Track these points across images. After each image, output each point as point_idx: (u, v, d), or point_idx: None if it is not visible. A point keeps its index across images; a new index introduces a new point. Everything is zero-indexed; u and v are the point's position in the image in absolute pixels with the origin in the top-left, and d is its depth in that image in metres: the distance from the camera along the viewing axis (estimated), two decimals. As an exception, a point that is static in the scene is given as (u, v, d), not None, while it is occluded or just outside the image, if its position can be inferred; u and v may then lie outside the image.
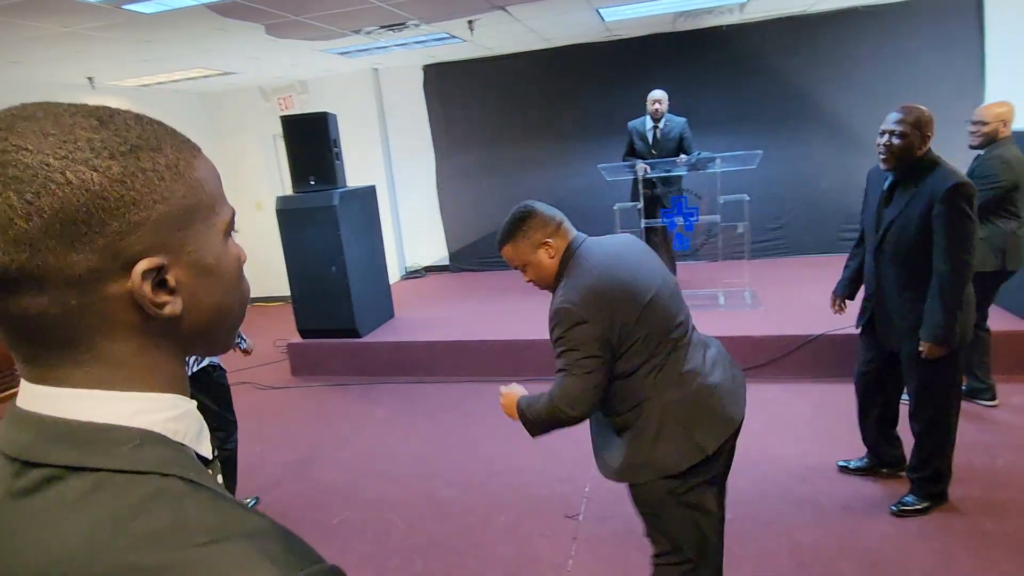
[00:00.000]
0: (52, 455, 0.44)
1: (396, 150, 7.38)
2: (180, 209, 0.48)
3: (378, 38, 5.16)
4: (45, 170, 0.42)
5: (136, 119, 0.48)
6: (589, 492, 3.07)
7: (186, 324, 0.50)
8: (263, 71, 6.34)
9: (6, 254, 0.42)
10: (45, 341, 0.46)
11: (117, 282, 0.45)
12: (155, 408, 0.48)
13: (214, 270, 0.51)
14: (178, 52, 4.92)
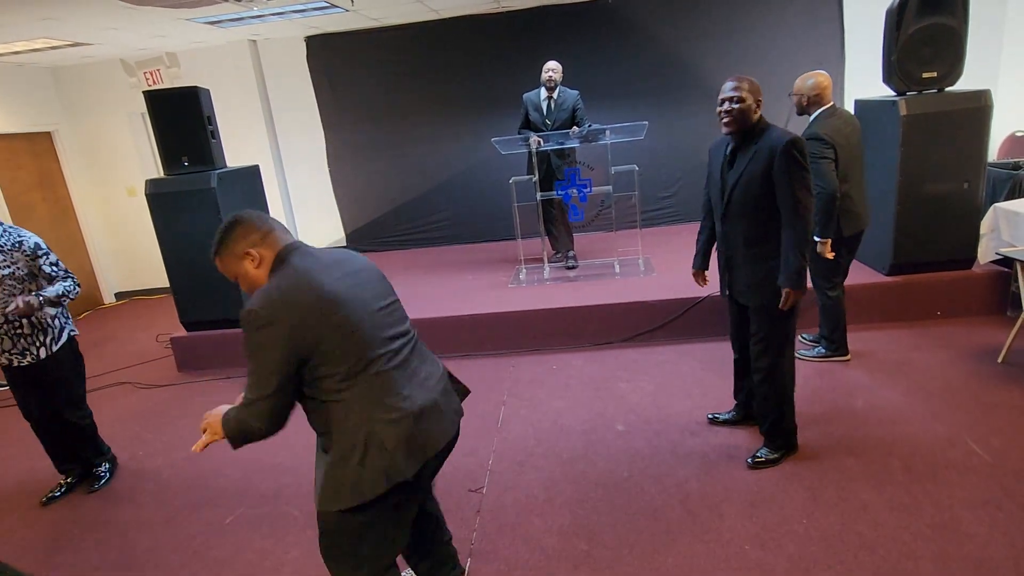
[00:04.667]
0: None
1: (281, 127, 6.98)
2: None
3: (250, 6, 4.81)
4: None
5: None
6: (492, 464, 3.09)
7: None
8: (124, 42, 5.76)
9: None
10: None
11: None
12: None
13: None
14: (14, 20, 4.36)
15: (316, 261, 1.65)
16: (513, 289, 5.06)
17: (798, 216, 2.47)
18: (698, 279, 3.10)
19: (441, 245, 6.99)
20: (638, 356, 4.18)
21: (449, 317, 4.60)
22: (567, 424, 3.40)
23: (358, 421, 1.59)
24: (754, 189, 2.54)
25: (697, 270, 3.08)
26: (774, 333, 2.69)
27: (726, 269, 2.82)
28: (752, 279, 2.67)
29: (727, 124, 2.56)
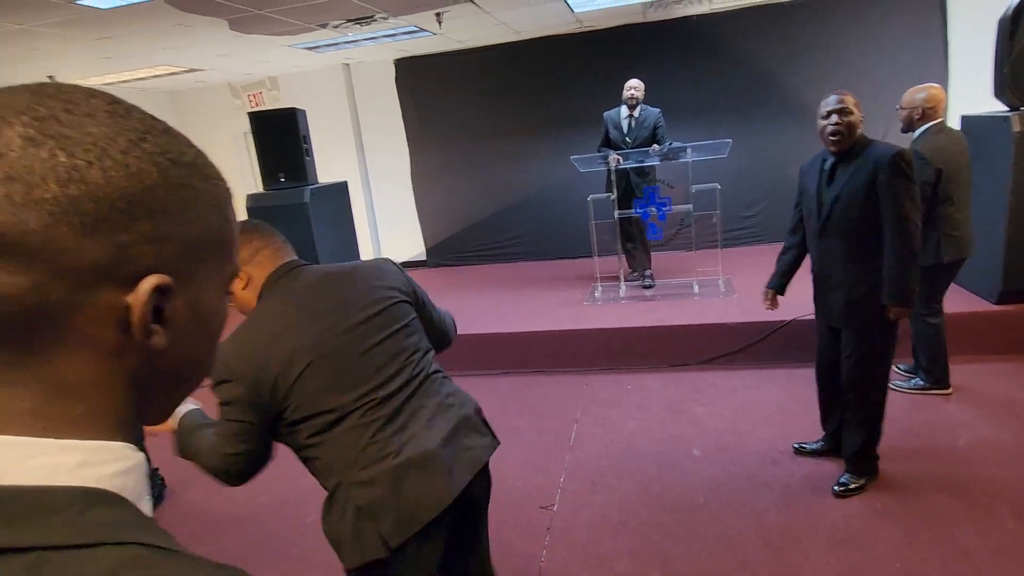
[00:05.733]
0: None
1: (369, 145, 7.32)
2: (208, 239, 0.44)
3: (346, 32, 5.11)
4: (109, 145, 0.38)
5: (189, 143, 0.44)
6: (564, 483, 3.08)
7: (161, 366, 0.43)
8: (232, 68, 6.25)
9: (14, 214, 0.35)
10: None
11: (113, 290, 0.39)
12: (102, 459, 0.40)
13: (207, 319, 0.46)
14: (140, 49, 4.83)
15: (301, 294, 1.43)
16: (588, 307, 5.05)
17: (905, 230, 2.38)
18: (769, 300, 2.99)
19: (518, 261, 7.07)
20: (716, 380, 4.06)
21: (524, 333, 4.64)
22: (641, 446, 3.35)
23: (336, 480, 1.37)
24: (856, 204, 2.46)
25: (771, 290, 2.97)
26: (870, 356, 2.57)
27: (821, 290, 2.71)
28: (850, 298, 2.56)
29: (836, 139, 2.48)
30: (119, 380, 0.41)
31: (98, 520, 0.37)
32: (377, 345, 1.44)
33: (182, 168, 0.42)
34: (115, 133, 0.39)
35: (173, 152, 0.42)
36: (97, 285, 0.38)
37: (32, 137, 0.36)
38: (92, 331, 0.39)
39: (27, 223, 0.35)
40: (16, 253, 0.36)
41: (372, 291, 1.49)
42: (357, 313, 1.44)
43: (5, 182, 0.35)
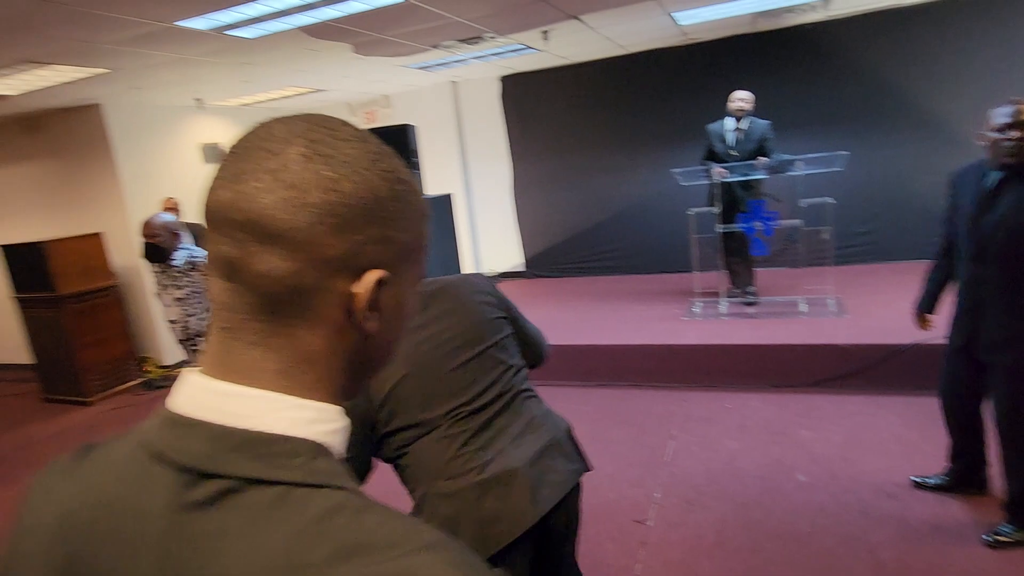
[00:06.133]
0: (231, 466, 0.43)
1: (473, 159, 7.58)
2: (413, 245, 0.52)
3: (456, 52, 5.36)
4: (356, 164, 0.47)
5: (405, 166, 0.53)
6: (660, 499, 3.06)
7: (368, 346, 0.51)
8: (350, 87, 6.71)
9: (289, 214, 0.45)
10: (260, 308, 0.47)
11: (346, 279, 0.47)
12: (325, 419, 0.48)
13: (402, 312, 0.54)
14: (275, 72, 5.31)
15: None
16: (687, 322, 4.96)
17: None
18: (921, 322, 2.79)
19: (615, 274, 7.05)
20: (824, 403, 3.87)
21: (620, 346, 4.63)
22: (741, 467, 3.26)
23: (422, 491, 1.39)
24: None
25: (922, 312, 2.77)
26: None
27: (969, 317, 2.46)
28: (1008, 332, 2.31)
29: (1015, 154, 2.22)
30: (340, 356, 0.50)
31: (322, 467, 0.46)
32: (469, 361, 1.45)
33: (402, 185, 0.51)
34: (361, 154, 0.48)
35: (397, 172, 0.51)
36: (337, 274, 0.47)
37: (307, 155, 0.46)
38: (327, 312, 0.48)
39: (298, 221, 0.45)
40: (288, 243, 0.45)
41: (468, 307, 1.50)
42: (452, 328, 1.46)
43: (286, 188, 0.45)
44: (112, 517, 0.46)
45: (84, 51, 3.84)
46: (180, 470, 0.44)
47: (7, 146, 6.35)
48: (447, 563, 0.41)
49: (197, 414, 0.46)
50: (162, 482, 0.44)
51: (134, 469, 0.46)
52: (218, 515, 0.42)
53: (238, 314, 0.47)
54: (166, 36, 3.73)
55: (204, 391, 0.47)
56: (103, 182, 5.89)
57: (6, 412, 5.67)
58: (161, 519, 0.43)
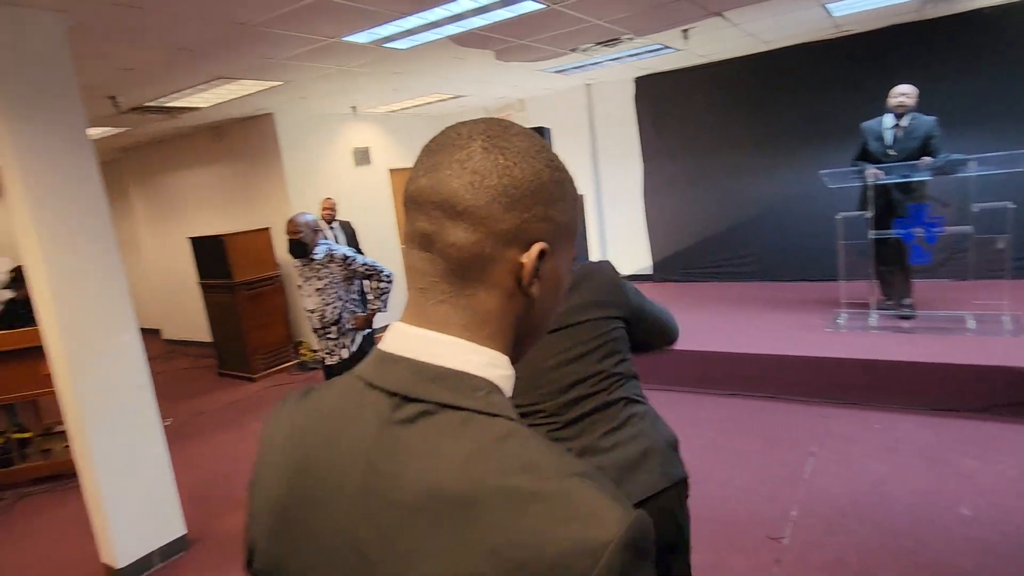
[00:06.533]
0: (429, 393, 0.54)
1: (604, 161, 7.59)
2: (568, 226, 0.61)
3: (593, 54, 5.40)
4: (526, 153, 0.57)
5: (560, 159, 0.63)
6: (796, 517, 2.91)
7: (532, 311, 0.60)
8: (488, 93, 6.98)
9: (472, 194, 0.55)
10: (449, 273, 0.57)
11: (513, 249, 0.57)
12: (498, 364, 0.58)
13: (558, 284, 0.62)
14: (422, 81, 5.67)
15: None
16: (830, 335, 4.64)
17: None
18: None
19: (749, 280, 6.74)
20: (995, 432, 3.46)
21: (754, 355, 4.44)
22: (891, 492, 3.01)
23: None
24: None
25: None
26: None
27: None
28: None
29: None
30: (509, 316, 0.59)
31: (496, 402, 0.55)
32: (565, 365, 1.46)
33: (561, 173, 0.60)
34: (529, 146, 0.58)
35: (557, 161, 0.61)
36: (508, 246, 0.57)
37: (487, 147, 0.57)
38: (500, 278, 0.57)
39: (479, 200, 0.55)
40: (471, 218, 0.55)
41: (578, 307, 1.49)
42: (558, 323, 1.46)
43: (471, 174, 0.56)
44: (333, 429, 0.58)
45: (264, 66, 4.35)
46: (389, 394, 0.55)
47: (198, 151, 7.33)
48: (597, 489, 0.49)
49: (402, 352, 0.57)
50: (374, 403, 0.56)
51: (352, 394, 0.58)
52: (417, 429, 0.53)
53: (431, 277, 0.58)
54: (332, 50, 4.12)
55: (407, 335, 0.58)
56: (272, 183, 6.61)
57: (189, 382, 6.53)
58: (372, 430, 0.55)
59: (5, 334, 4.19)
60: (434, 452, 0.51)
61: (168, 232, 7.98)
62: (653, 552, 0.51)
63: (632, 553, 0.48)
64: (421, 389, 0.54)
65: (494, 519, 0.48)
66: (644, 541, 0.49)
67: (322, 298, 3.56)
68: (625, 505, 0.49)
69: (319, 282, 3.55)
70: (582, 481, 0.49)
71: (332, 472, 0.56)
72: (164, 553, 3.19)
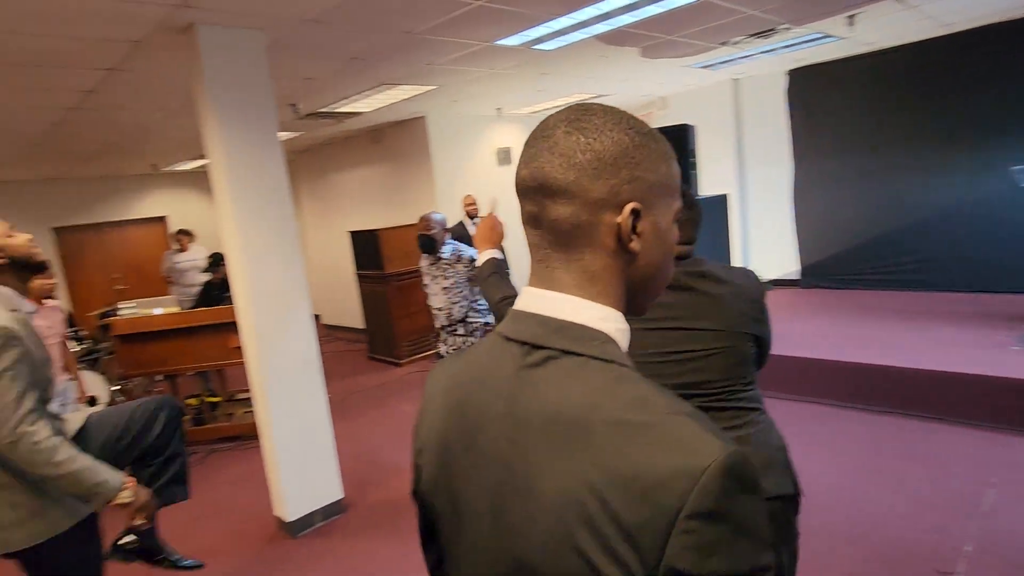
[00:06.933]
0: (553, 342, 0.64)
1: (750, 159, 7.23)
2: (661, 182, 0.66)
3: (744, 47, 5.18)
4: (604, 127, 0.64)
5: (644, 121, 0.68)
6: (972, 553, 2.62)
7: (637, 265, 0.66)
8: (630, 91, 6.93)
9: (563, 174, 0.63)
10: (557, 243, 0.65)
11: (611, 213, 0.63)
12: (609, 318, 0.66)
13: (663, 236, 0.68)
14: (566, 81, 5.76)
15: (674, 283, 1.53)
16: (1017, 352, 4.09)
17: None
18: None
19: (914, 290, 6.11)
20: None
21: (917, 370, 4.02)
22: (1095, 536, 2.61)
23: None
24: None
25: None
26: None
27: None
28: None
29: None
30: (616, 273, 0.66)
31: (610, 351, 0.64)
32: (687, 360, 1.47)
33: (642, 136, 0.65)
34: (605, 120, 0.64)
35: (637, 126, 0.66)
36: (604, 211, 0.64)
37: (568, 131, 0.64)
38: (603, 240, 0.65)
39: (569, 177, 0.63)
40: (566, 194, 0.63)
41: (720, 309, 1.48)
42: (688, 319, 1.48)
43: (559, 156, 0.64)
44: (481, 374, 0.70)
45: (423, 72, 4.66)
46: (521, 344, 0.66)
47: (358, 153, 7.99)
48: (700, 425, 0.56)
49: (530, 309, 0.67)
50: (510, 352, 0.67)
51: (494, 347, 0.70)
52: (544, 371, 0.63)
53: (544, 250, 0.67)
54: (485, 54, 4.33)
55: (532, 296, 0.68)
56: (422, 181, 7.06)
57: (343, 364, 7.16)
58: (510, 373, 0.66)
59: (203, 311, 4.88)
60: (557, 388, 0.61)
61: (330, 227, 8.78)
62: (758, 488, 0.55)
63: (731, 480, 0.53)
64: (546, 338, 0.64)
65: (604, 443, 0.56)
66: (745, 473, 0.54)
67: (448, 297, 3.63)
68: (726, 441, 0.55)
69: (445, 281, 3.63)
70: (687, 418, 0.56)
71: (482, 407, 0.68)
72: (324, 513, 3.54)
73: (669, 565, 0.52)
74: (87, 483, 1.74)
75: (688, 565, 0.52)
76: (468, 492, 0.68)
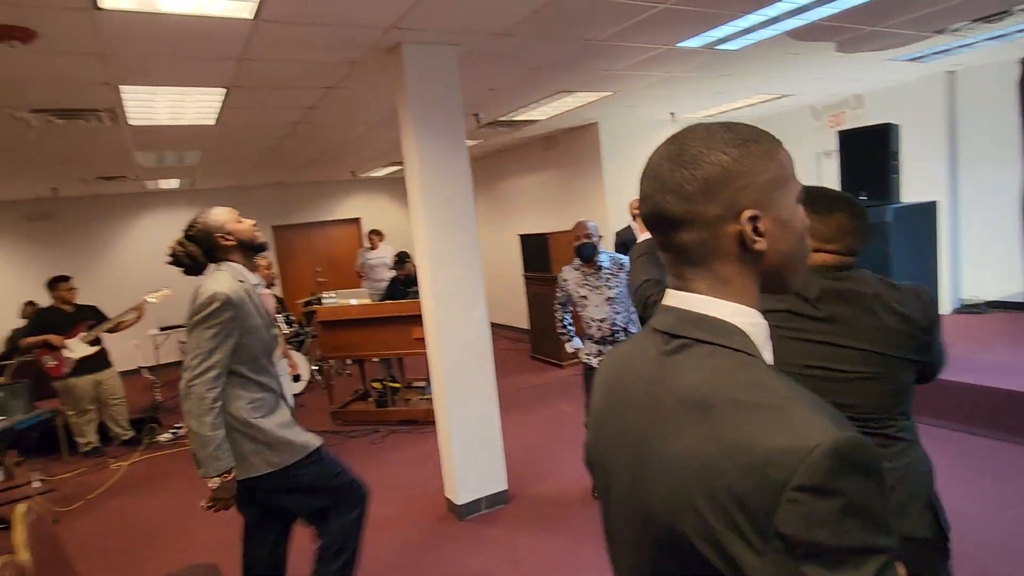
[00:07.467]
0: (689, 332, 0.73)
1: (965, 161, 6.32)
2: (771, 179, 0.72)
3: (967, 35, 4.56)
4: (702, 154, 0.71)
5: (746, 126, 0.74)
6: None
7: (767, 260, 0.73)
8: (818, 90, 6.41)
9: (677, 206, 0.72)
10: (688, 261, 0.74)
11: (730, 224, 0.71)
12: (741, 313, 0.73)
13: (788, 224, 0.74)
14: (747, 82, 5.49)
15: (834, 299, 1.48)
16: None
17: None
18: None
19: None
20: None
21: None
22: None
23: None
24: None
25: None
26: None
27: None
28: None
29: None
30: (747, 273, 0.74)
31: (738, 341, 0.71)
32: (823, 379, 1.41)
33: (741, 145, 0.72)
34: (702, 146, 0.72)
35: (733, 139, 0.72)
36: (724, 224, 0.71)
37: (671, 168, 0.73)
38: (728, 249, 0.72)
39: (683, 207, 0.72)
40: (685, 223, 0.73)
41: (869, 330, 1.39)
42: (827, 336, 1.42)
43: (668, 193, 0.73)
44: (631, 358, 0.81)
45: (601, 78, 4.73)
46: (663, 334, 0.76)
47: (530, 159, 8.30)
48: (815, 411, 0.61)
49: (672, 304, 0.77)
50: (654, 340, 0.77)
51: (643, 336, 0.81)
52: (680, 357, 0.72)
53: (678, 267, 0.76)
54: (665, 57, 4.28)
55: (674, 295, 0.77)
56: (591, 187, 7.14)
57: (508, 362, 7.45)
58: (652, 357, 0.76)
59: (390, 303, 5.38)
60: (688, 371, 0.70)
61: (501, 230, 9.20)
62: (874, 472, 0.59)
63: (841, 462, 0.57)
64: (682, 329, 0.74)
65: (723, 419, 0.64)
66: (857, 456, 0.58)
67: (612, 307, 3.52)
68: (840, 426, 0.59)
69: (610, 291, 3.52)
70: (804, 404, 0.62)
71: (628, 385, 0.79)
72: (490, 501, 3.73)
73: (777, 530, 0.58)
74: (203, 451, 2.07)
75: (793, 531, 0.57)
76: (613, 457, 0.79)
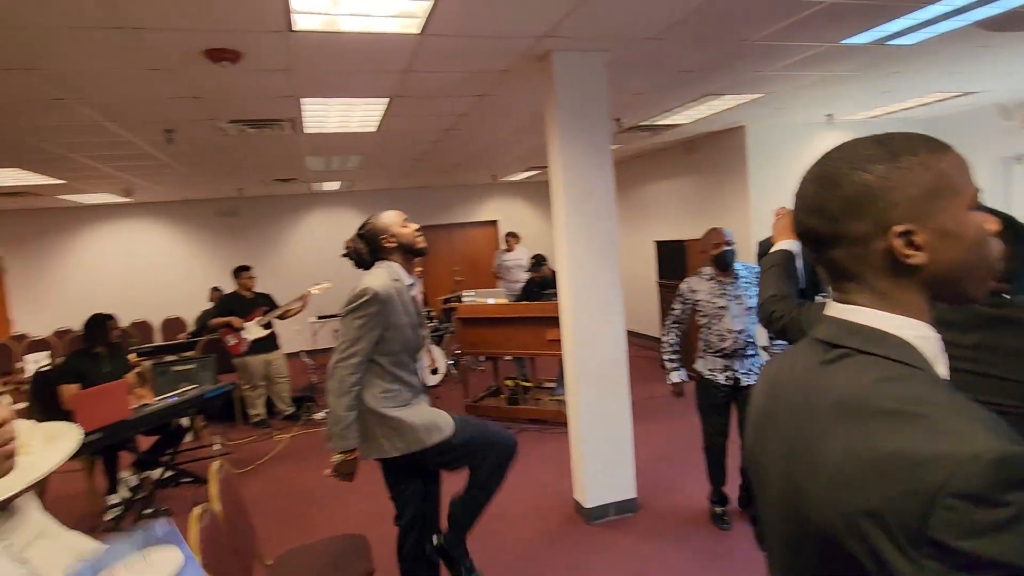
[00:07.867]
0: (849, 342, 0.74)
1: None
2: (929, 190, 0.70)
3: None
4: (844, 174, 0.73)
5: (902, 134, 0.73)
6: None
7: (929, 272, 0.71)
8: (1009, 86, 5.65)
9: (825, 227, 0.75)
10: (844, 276, 0.76)
11: (879, 241, 0.71)
12: (908, 326, 0.72)
13: (957, 233, 0.70)
14: (922, 79, 4.98)
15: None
16: None
17: None
18: None
19: None
20: None
21: None
22: None
23: None
24: None
25: None
26: None
27: None
28: None
29: None
30: (906, 287, 0.73)
31: (905, 353, 0.70)
32: None
33: (887, 161, 0.71)
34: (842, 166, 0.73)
35: (888, 151, 0.71)
36: (873, 241, 0.71)
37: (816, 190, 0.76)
38: (879, 263, 0.72)
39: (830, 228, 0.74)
40: (833, 242, 0.75)
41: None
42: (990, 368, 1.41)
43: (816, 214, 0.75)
44: (790, 365, 0.82)
45: (752, 80, 4.53)
46: (822, 343, 0.77)
47: (669, 164, 8.12)
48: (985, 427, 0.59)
49: (834, 315, 0.78)
50: (814, 348, 0.78)
51: (804, 345, 0.82)
52: (838, 365, 0.72)
53: (836, 281, 0.78)
54: (826, 56, 4.01)
55: (834, 307, 0.78)
56: (735, 193, 6.84)
57: (641, 370, 7.34)
58: (811, 365, 0.77)
59: (526, 304, 5.52)
60: (846, 379, 0.70)
61: (635, 235, 9.08)
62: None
63: (1004, 473, 0.55)
64: (844, 339, 0.74)
65: (879, 426, 0.63)
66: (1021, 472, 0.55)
67: (751, 318, 3.35)
68: (1009, 440, 0.57)
69: (750, 300, 3.34)
70: (969, 417, 0.60)
71: (784, 392, 0.80)
72: (618, 508, 3.70)
73: (931, 536, 0.57)
74: (335, 427, 2.28)
75: (947, 538, 0.56)
76: (768, 461, 0.81)
